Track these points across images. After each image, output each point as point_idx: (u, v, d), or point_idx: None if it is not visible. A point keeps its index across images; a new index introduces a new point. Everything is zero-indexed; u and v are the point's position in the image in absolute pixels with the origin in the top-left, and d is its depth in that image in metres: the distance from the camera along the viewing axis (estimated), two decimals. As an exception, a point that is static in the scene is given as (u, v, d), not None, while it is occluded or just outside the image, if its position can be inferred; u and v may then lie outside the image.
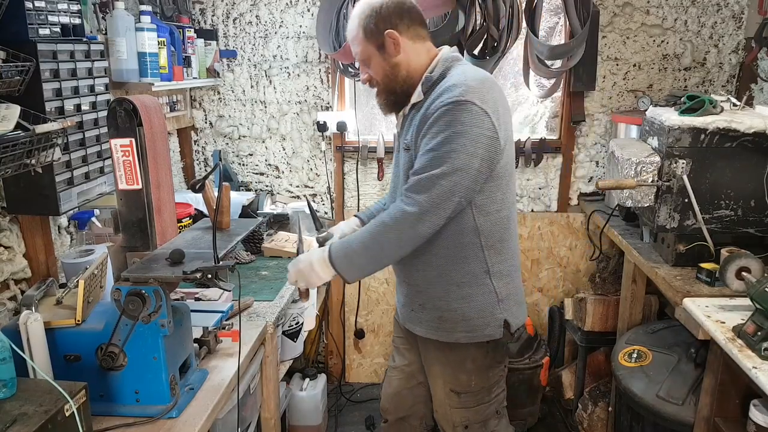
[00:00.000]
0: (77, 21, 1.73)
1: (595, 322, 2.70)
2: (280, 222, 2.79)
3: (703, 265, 1.96)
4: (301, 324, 2.40)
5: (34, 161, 1.51)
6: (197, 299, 1.96)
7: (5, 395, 1.13)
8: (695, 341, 1.99)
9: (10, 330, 1.31)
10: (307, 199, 2.20)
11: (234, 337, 1.73)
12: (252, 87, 3.05)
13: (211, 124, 3.12)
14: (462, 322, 1.63)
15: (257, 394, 1.94)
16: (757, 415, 1.57)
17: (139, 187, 1.41)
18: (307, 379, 2.77)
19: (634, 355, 2.20)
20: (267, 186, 3.18)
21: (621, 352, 2.25)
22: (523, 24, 2.64)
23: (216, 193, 1.50)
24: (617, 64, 2.93)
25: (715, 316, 1.71)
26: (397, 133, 1.72)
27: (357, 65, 2.60)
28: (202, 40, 2.78)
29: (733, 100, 2.18)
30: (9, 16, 1.51)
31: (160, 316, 1.32)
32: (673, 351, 2.15)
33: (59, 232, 1.97)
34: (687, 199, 2.01)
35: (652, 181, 2.04)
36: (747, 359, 1.49)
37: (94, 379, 1.33)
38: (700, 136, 1.98)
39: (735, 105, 2.17)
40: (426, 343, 1.73)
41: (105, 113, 1.44)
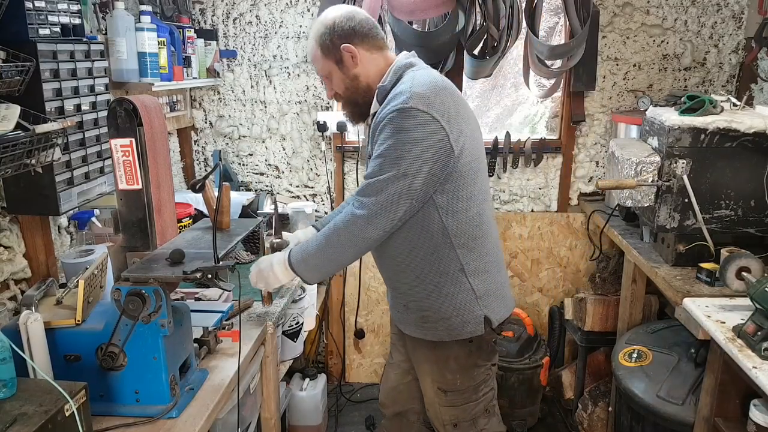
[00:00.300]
0: (77, 21, 1.73)
1: (595, 322, 2.70)
2: (281, 222, 2.78)
3: (703, 265, 1.96)
4: (301, 324, 2.40)
5: (34, 161, 1.51)
6: (197, 299, 1.96)
7: (5, 395, 1.13)
8: (695, 341, 2.00)
9: (10, 330, 1.31)
10: (275, 203, 2.13)
11: (234, 337, 1.73)
12: (252, 87, 3.05)
13: (211, 124, 3.12)
14: (442, 321, 1.65)
15: (257, 394, 1.94)
16: (757, 415, 1.57)
17: (139, 187, 1.41)
18: (307, 379, 2.77)
19: (634, 355, 2.20)
20: (267, 186, 3.18)
21: (621, 352, 2.25)
22: (523, 24, 2.64)
23: (216, 193, 1.50)
24: (617, 64, 2.93)
25: (715, 316, 1.71)
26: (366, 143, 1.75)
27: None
28: (202, 40, 2.77)
29: (733, 100, 2.18)
30: (9, 16, 1.50)
31: (160, 316, 1.33)
32: (673, 351, 2.15)
33: (59, 232, 1.97)
34: (687, 199, 2.01)
35: (652, 181, 2.04)
36: (747, 359, 1.49)
37: (94, 379, 1.33)
38: (700, 136, 1.98)
39: (735, 105, 2.17)
40: (414, 342, 1.76)
41: (105, 113, 1.44)
